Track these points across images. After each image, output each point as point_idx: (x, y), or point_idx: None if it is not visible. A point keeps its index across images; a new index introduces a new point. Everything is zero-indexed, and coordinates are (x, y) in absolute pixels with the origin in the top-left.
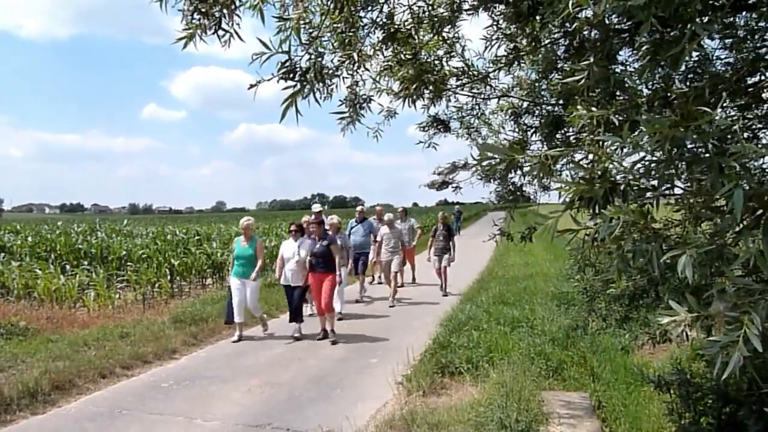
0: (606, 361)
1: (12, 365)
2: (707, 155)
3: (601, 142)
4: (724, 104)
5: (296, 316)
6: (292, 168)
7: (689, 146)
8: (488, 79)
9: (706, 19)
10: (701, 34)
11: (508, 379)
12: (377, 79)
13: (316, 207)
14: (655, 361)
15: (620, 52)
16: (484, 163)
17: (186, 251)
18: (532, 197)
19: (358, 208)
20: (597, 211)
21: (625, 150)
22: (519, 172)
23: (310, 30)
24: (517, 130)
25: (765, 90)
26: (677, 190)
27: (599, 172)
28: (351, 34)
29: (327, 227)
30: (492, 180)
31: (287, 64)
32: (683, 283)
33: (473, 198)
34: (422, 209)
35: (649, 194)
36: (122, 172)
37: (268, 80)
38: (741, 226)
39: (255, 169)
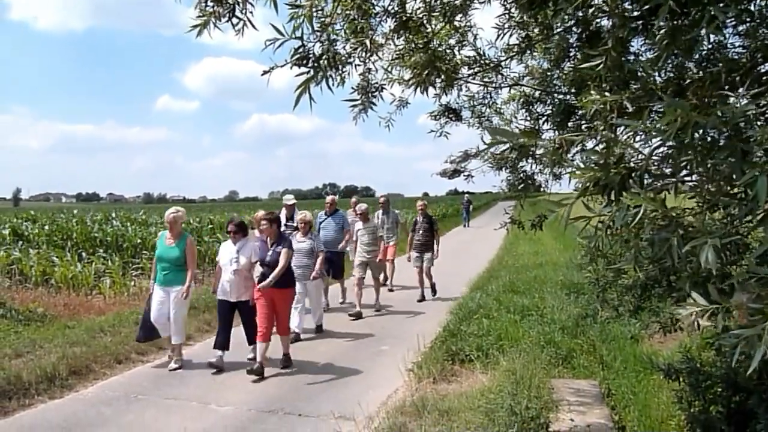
0: (615, 350)
1: (30, 351)
2: (727, 141)
3: (615, 128)
4: (738, 91)
5: (251, 339)
6: (304, 158)
7: (704, 133)
8: (500, 68)
9: (722, 5)
10: (720, 16)
11: (518, 367)
12: (389, 68)
13: (289, 198)
14: (665, 349)
15: (632, 42)
16: (495, 150)
17: (200, 240)
18: (543, 186)
19: (328, 198)
20: (612, 198)
21: (641, 136)
22: (530, 160)
23: (322, 18)
24: (528, 118)
25: None
26: (693, 177)
27: (615, 158)
28: (363, 21)
29: (296, 224)
30: (503, 168)
31: (300, 50)
32: (697, 272)
33: (484, 187)
34: (432, 198)
35: (666, 181)
36: (137, 163)
37: (282, 66)
38: (762, 214)
39: (267, 159)
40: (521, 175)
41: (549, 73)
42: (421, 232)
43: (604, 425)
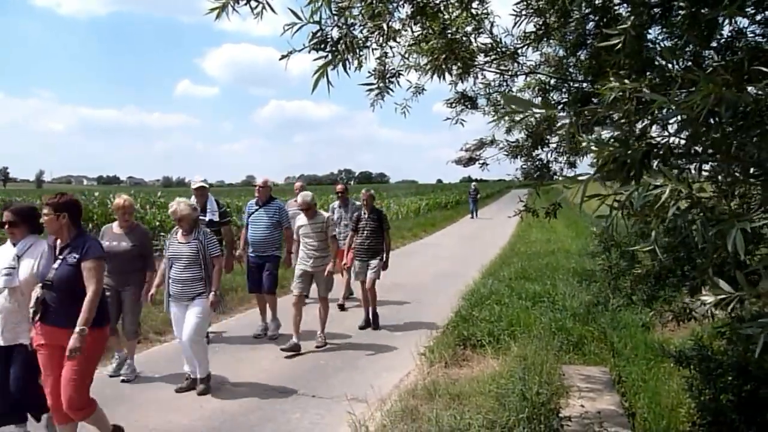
0: (626, 337)
1: None
2: (757, 120)
3: (634, 116)
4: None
5: (14, 412)
6: (321, 144)
7: (734, 111)
8: (516, 56)
9: None
10: None
11: (529, 353)
12: (406, 54)
13: (197, 181)
14: (676, 338)
15: (650, 30)
16: (512, 138)
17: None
18: (558, 174)
19: (260, 180)
20: (631, 176)
21: (660, 123)
22: (546, 148)
23: (340, 2)
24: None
25: None
26: (716, 158)
27: (637, 132)
28: (381, 5)
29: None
30: (518, 156)
31: (318, 34)
32: (718, 259)
33: (498, 175)
34: (446, 185)
35: (689, 160)
36: (157, 147)
37: (300, 51)
38: None
39: (285, 145)
40: (536, 163)
41: (565, 61)
42: (366, 232)
43: (614, 411)
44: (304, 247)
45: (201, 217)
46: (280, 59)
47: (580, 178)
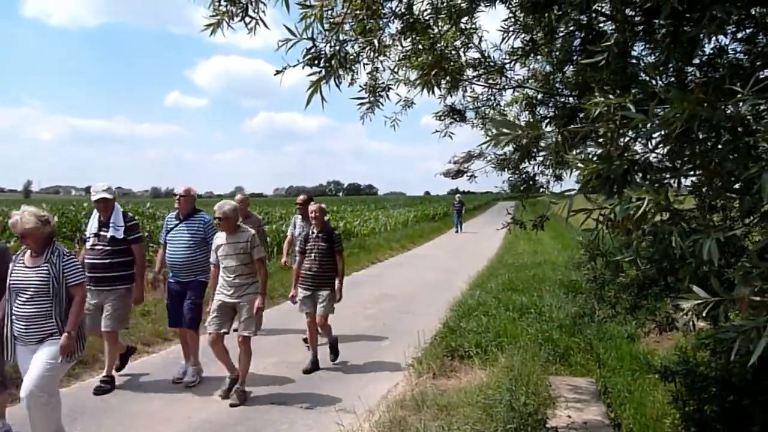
0: (612, 349)
1: None
2: (732, 136)
3: (618, 131)
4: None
5: None
6: (311, 155)
7: (709, 128)
8: (504, 71)
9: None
10: (721, 14)
11: (516, 364)
12: (395, 69)
13: (99, 191)
14: (660, 349)
15: (634, 47)
16: (498, 151)
17: None
18: (544, 187)
19: (181, 188)
20: (614, 191)
21: (643, 139)
22: (533, 161)
23: (331, 18)
24: (531, 120)
25: None
26: (695, 173)
27: (619, 149)
28: (372, 21)
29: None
30: (506, 169)
31: (312, 50)
32: (697, 269)
33: (486, 187)
34: (434, 197)
35: (669, 174)
36: (146, 157)
37: (294, 66)
38: (765, 209)
39: (275, 155)
40: (523, 176)
41: (552, 76)
42: (313, 254)
43: (600, 422)
44: (223, 272)
45: (103, 233)
46: (275, 74)
47: (566, 193)
